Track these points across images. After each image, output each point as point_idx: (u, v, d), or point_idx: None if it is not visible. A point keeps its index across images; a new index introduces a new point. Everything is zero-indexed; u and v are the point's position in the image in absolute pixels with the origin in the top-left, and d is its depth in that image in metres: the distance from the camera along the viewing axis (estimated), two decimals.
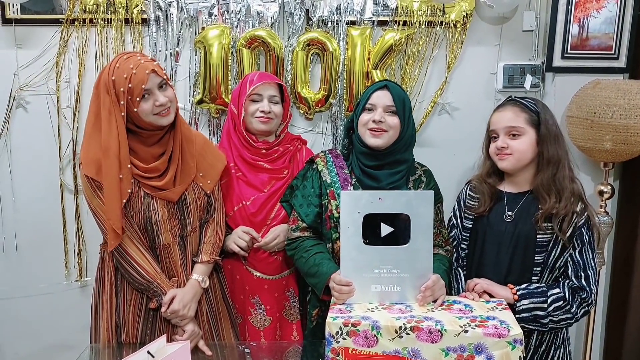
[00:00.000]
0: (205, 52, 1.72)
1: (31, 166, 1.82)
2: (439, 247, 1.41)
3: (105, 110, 1.23)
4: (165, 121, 1.28)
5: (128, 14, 1.73)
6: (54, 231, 1.85)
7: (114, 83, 1.22)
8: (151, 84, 1.24)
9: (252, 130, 1.52)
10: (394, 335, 1.13)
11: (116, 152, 1.23)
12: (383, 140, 1.37)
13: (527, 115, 1.34)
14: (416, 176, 1.45)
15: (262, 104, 1.49)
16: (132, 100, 1.22)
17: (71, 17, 1.72)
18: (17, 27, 1.74)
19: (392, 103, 1.38)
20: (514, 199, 1.38)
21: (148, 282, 1.30)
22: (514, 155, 1.34)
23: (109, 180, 1.24)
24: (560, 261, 1.32)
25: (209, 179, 1.40)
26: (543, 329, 1.31)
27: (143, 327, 1.34)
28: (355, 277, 1.26)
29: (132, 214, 1.29)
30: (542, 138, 1.33)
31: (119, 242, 1.28)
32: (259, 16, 1.74)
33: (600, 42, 1.75)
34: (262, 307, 1.52)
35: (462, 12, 1.74)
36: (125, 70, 1.21)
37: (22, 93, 1.78)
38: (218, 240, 1.42)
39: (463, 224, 1.44)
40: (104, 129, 1.23)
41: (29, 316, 1.90)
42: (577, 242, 1.31)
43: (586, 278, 1.30)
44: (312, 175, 1.46)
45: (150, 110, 1.25)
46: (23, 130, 1.81)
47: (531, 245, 1.33)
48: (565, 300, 1.28)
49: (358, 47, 1.73)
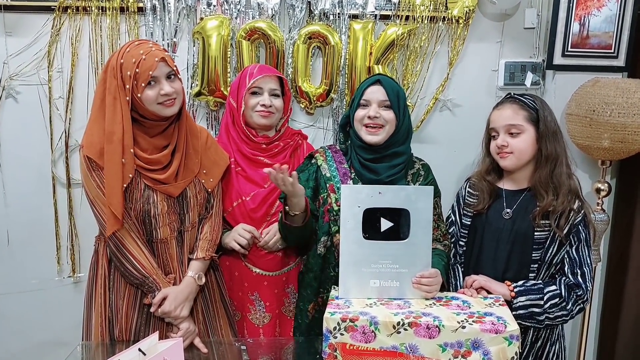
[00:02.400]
0: (203, 44, 1.68)
1: (22, 159, 1.77)
2: (437, 241, 1.41)
3: (110, 95, 1.21)
4: (168, 112, 1.26)
5: (123, 3, 1.68)
6: (45, 226, 1.80)
7: (121, 66, 1.21)
8: (159, 72, 1.23)
9: (252, 124, 1.49)
10: (392, 330, 1.13)
11: (120, 137, 1.21)
12: (380, 137, 1.38)
13: (526, 112, 1.35)
14: (414, 170, 1.46)
15: (263, 98, 1.46)
16: (137, 85, 1.21)
17: (64, 4, 1.67)
18: (7, 13, 1.68)
19: (386, 98, 1.38)
20: (513, 196, 1.39)
21: (144, 277, 1.27)
22: (514, 154, 1.35)
23: (111, 164, 1.21)
24: (557, 258, 1.34)
25: (211, 176, 1.38)
26: (539, 325, 1.32)
27: (137, 323, 1.32)
28: (354, 271, 1.25)
29: (130, 205, 1.27)
30: (540, 135, 1.33)
31: (118, 227, 1.25)
32: (259, 7, 1.71)
33: (600, 41, 1.76)
34: (262, 304, 1.50)
35: (465, 8, 1.73)
36: (135, 55, 1.21)
37: (12, 83, 1.72)
38: (215, 237, 1.40)
39: (462, 220, 1.45)
40: (108, 113, 1.21)
41: (20, 313, 1.86)
42: (574, 239, 1.33)
43: (582, 275, 1.32)
44: (308, 169, 1.46)
45: (155, 98, 1.23)
46: (13, 122, 1.75)
47: (529, 242, 1.34)
48: (562, 297, 1.30)
49: (360, 41, 1.71)
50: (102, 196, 1.24)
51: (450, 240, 1.46)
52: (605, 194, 1.77)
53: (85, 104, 1.74)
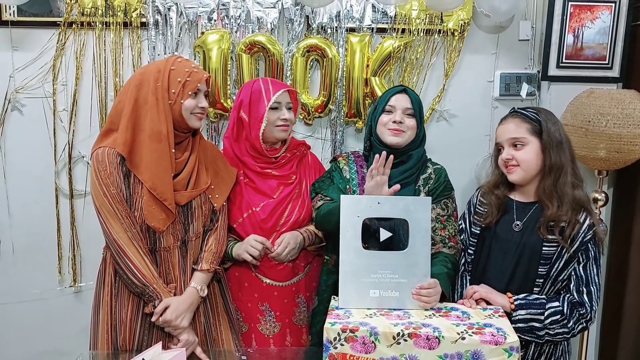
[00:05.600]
0: (204, 57, 1.72)
1: (26, 170, 1.80)
2: (442, 243, 1.40)
3: (152, 96, 1.27)
4: (198, 124, 1.34)
5: (127, 18, 1.72)
6: (48, 236, 1.82)
7: (171, 72, 1.28)
8: (202, 87, 1.33)
9: (271, 139, 1.49)
10: (392, 341, 1.13)
11: (166, 134, 1.28)
12: (402, 139, 1.43)
13: (529, 125, 1.34)
14: (426, 174, 1.47)
15: (282, 112, 1.47)
16: (183, 91, 1.29)
17: (69, 19, 1.71)
18: (14, 29, 1.73)
19: (411, 106, 1.45)
20: (523, 208, 1.37)
21: (144, 286, 1.28)
22: (520, 166, 1.33)
23: (163, 161, 1.27)
24: (564, 274, 1.30)
25: (217, 192, 1.40)
26: (539, 340, 1.30)
27: (140, 332, 1.32)
28: (353, 281, 1.25)
29: (136, 213, 1.29)
30: (544, 146, 1.32)
31: (170, 222, 1.30)
32: (258, 22, 1.75)
33: (594, 52, 1.78)
34: (272, 314, 1.49)
35: (460, 20, 1.77)
36: (187, 67, 1.31)
37: (18, 96, 1.76)
38: (219, 250, 1.40)
39: (471, 229, 1.43)
40: (152, 114, 1.27)
41: (21, 322, 1.87)
42: (582, 257, 1.29)
43: (588, 294, 1.28)
44: (337, 169, 1.52)
45: (192, 108, 1.31)
46: (18, 134, 1.79)
47: (536, 257, 1.31)
48: (563, 315, 1.27)
49: (357, 53, 1.74)
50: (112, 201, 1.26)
51: (459, 243, 1.44)
52: (603, 204, 1.78)
53: (89, 116, 1.78)
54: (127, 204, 1.28)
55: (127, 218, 1.27)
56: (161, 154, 1.28)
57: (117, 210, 1.26)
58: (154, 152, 1.27)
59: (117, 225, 1.26)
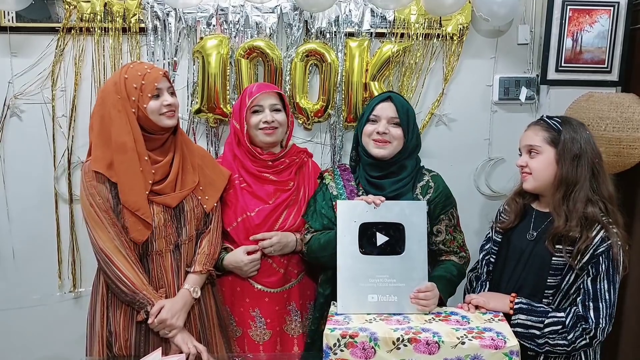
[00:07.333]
0: (203, 62, 1.72)
1: (25, 175, 1.80)
2: (453, 253, 1.40)
3: (114, 110, 1.26)
4: (169, 122, 1.32)
5: (125, 23, 1.72)
6: (47, 241, 1.82)
7: (125, 81, 1.27)
8: (162, 85, 1.31)
9: (258, 143, 1.49)
10: (392, 346, 1.13)
11: (132, 146, 1.27)
12: (387, 151, 1.38)
13: (547, 133, 1.30)
14: (423, 182, 1.43)
15: (264, 114, 1.46)
16: (142, 96, 1.27)
17: (68, 25, 1.71)
18: (12, 35, 1.73)
19: (396, 115, 1.39)
20: (541, 218, 1.35)
21: (133, 293, 1.28)
22: (532, 175, 1.31)
23: (131, 173, 1.26)
24: (575, 287, 1.27)
25: (207, 194, 1.40)
26: (539, 349, 1.27)
27: (136, 339, 1.32)
28: (352, 286, 1.26)
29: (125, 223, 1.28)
30: (559, 156, 1.29)
31: (149, 233, 1.29)
32: (257, 27, 1.75)
33: (593, 56, 1.78)
34: (262, 321, 1.49)
35: (459, 25, 1.77)
36: (140, 70, 1.29)
37: (17, 102, 1.76)
38: (213, 252, 1.40)
39: (494, 236, 1.43)
40: (115, 128, 1.26)
41: (21, 328, 1.87)
42: (592, 270, 1.23)
43: (595, 309, 1.21)
44: (323, 190, 1.47)
45: (158, 109, 1.30)
46: (17, 139, 1.79)
47: (545, 267, 1.29)
48: (564, 326, 1.23)
49: (356, 58, 1.74)
50: (98, 210, 1.27)
51: (468, 252, 1.44)
52: None
53: (88, 121, 1.77)
54: (114, 213, 1.28)
55: (114, 227, 1.27)
56: (129, 165, 1.26)
57: (103, 219, 1.27)
58: (122, 164, 1.27)
59: (104, 234, 1.27)
